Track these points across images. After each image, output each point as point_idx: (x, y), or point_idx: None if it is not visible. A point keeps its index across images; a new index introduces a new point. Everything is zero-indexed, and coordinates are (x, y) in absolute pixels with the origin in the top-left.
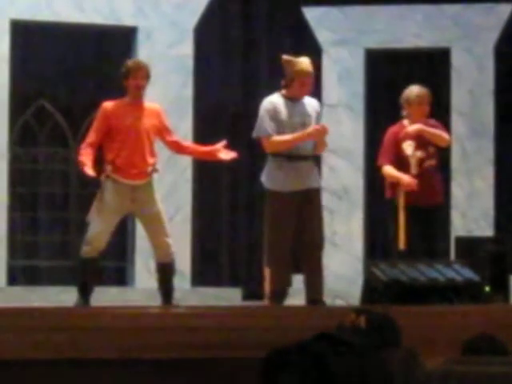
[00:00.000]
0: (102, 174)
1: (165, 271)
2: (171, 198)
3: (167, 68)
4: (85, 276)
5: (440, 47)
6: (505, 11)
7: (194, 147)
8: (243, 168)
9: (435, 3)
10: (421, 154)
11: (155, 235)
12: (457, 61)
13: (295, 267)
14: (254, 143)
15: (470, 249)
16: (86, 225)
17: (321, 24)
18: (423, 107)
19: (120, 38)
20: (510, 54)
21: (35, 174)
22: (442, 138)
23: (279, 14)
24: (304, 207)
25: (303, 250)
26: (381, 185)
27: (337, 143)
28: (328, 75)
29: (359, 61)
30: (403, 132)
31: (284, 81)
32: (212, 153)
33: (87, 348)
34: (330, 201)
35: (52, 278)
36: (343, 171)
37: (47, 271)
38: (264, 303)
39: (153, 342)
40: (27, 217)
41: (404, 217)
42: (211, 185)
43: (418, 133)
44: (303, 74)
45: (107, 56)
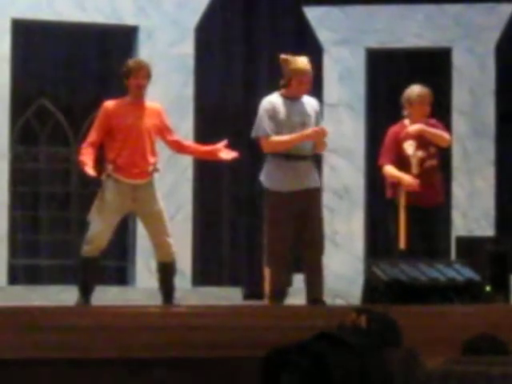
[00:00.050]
0: (103, 174)
1: (166, 271)
2: (172, 198)
3: (168, 67)
4: (85, 275)
5: (441, 47)
6: (506, 11)
7: (195, 147)
8: (244, 167)
9: (436, 3)
10: (422, 154)
11: (156, 235)
12: (458, 60)
13: (295, 267)
14: (255, 143)
15: (471, 249)
16: (87, 224)
17: (322, 24)
18: (424, 107)
19: (121, 37)
20: (511, 54)
21: (36, 174)
22: (443, 138)
23: (280, 14)
24: (303, 207)
25: (303, 250)
26: (381, 184)
27: (338, 143)
28: (329, 75)
29: (360, 60)
30: (404, 132)
31: (282, 80)
32: (213, 152)
33: (88, 347)
34: (331, 200)
35: (53, 277)
36: (344, 171)
37: (48, 270)
38: (265, 303)
39: (153, 342)
40: (28, 216)
41: (405, 216)
42: (212, 184)
43: (419, 133)
44: (301, 73)
45: (108, 55)
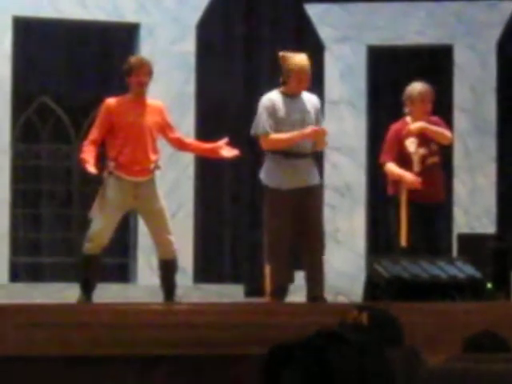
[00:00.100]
0: (105, 171)
1: (167, 268)
2: (173, 195)
3: (169, 65)
4: (87, 273)
5: (442, 44)
6: (508, 8)
7: (196, 144)
8: (245, 165)
9: (438, 0)
10: (423, 151)
11: (157, 232)
12: (459, 57)
13: (296, 264)
14: (255, 140)
15: (472, 246)
16: (89, 222)
17: (323, 21)
18: (426, 104)
19: (122, 35)
20: None
21: (37, 171)
22: (445, 136)
23: (281, 11)
24: (303, 204)
25: (304, 247)
26: (383, 182)
27: (339, 140)
28: (330, 72)
29: (361, 58)
30: (406, 130)
31: (281, 77)
32: (214, 150)
33: (89, 345)
34: (333, 198)
35: (54, 275)
36: (345, 168)
37: (49, 268)
38: (266, 300)
39: (155, 339)
40: (30, 213)
41: (406, 214)
42: (213, 182)
43: (421, 131)
44: (298, 70)
45: (109, 53)
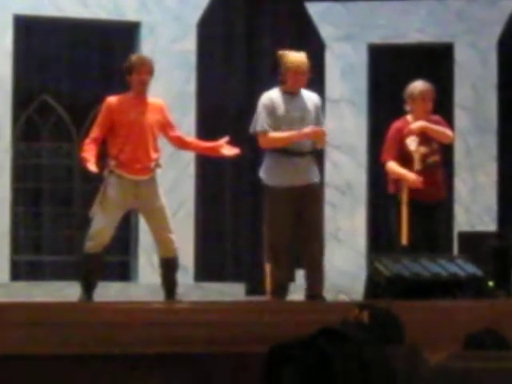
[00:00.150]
0: (106, 169)
1: (168, 266)
2: (174, 194)
3: (170, 63)
4: (88, 271)
5: (443, 42)
6: (508, 6)
7: (197, 143)
8: (246, 163)
9: None
10: (424, 150)
11: (158, 230)
12: (460, 56)
13: (297, 262)
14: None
15: (473, 244)
16: (90, 220)
17: (324, 19)
18: (427, 103)
19: (123, 33)
20: None
21: (38, 169)
22: (446, 135)
23: (282, 10)
24: (303, 202)
25: (303, 245)
26: (384, 180)
27: (340, 139)
28: (331, 70)
29: (362, 56)
30: (407, 129)
31: (280, 76)
32: (215, 149)
33: (90, 343)
34: (334, 196)
35: (55, 273)
36: (346, 167)
37: (50, 266)
38: (267, 298)
39: (156, 337)
40: (30, 212)
41: (407, 212)
42: (214, 180)
43: (422, 130)
44: (295, 68)
45: (110, 51)
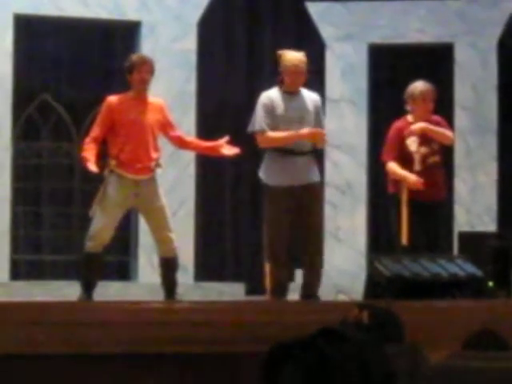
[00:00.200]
0: (106, 169)
1: (168, 266)
2: (174, 193)
3: (171, 63)
4: (88, 271)
5: (443, 42)
6: (509, 6)
7: (197, 142)
8: (246, 163)
9: None
10: (425, 150)
11: (158, 230)
12: (460, 56)
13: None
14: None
15: (473, 244)
16: (90, 220)
17: (324, 19)
18: (427, 103)
19: (124, 33)
20: None
21: (39, 169)
22: (446, 137)
23: (283, 9)
24: (302, 201)
25: (302, 244)
26: (384, 180)
27: (340, 138)
28: (331, 70)
29: (363, 56)
30: (408, 130)
31: (279, 75)
32: (215, 148)
33: (90, 343)
34: (334, 196)
35: (55, 273)
36: (346, 166)
37: (50, 266)
38: (267, 298)
39: (156, 337)
40: (30, 211)
41: (407, 212)
42: (214, 180)
43: (422, 132)
44: (292, 67)
45: (111, 50)
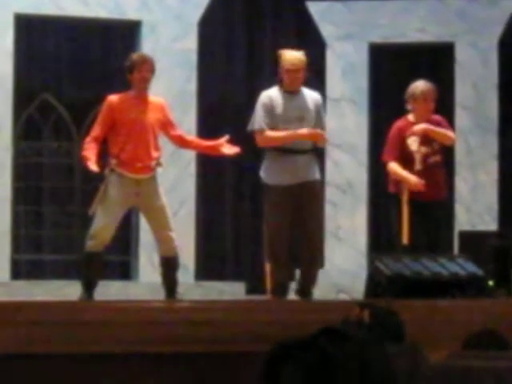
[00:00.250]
0: (107, 168)
1: (168, 265)
2: (175, 193)
3: (171, 62)
4: (89, 270)
5: (444, 41)
6: (509, 5)
7: (198, 142)
8: (246, 162)
9: None
10: (425, 150)
11: (159, 229)
12: (461, 55)
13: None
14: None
15: (474, 243)
16: (90, 219)
17: (325, 18)
18: (428, 103)
19: (124, 32)
20: None
21: (39, 168)
22: (448, 137)
23: (283, 9)
24: (302, 200)
25: (301, 243)
26: (384, 179)
27: (341, 137)
28: (332, 70)
29: (363, 55)
30: (409, 131)
31: (279, 74)
32: (215, 147)
33: (91, 342)
34: (334, 195)
35: (56, 272)
36: (347, 165)
37: (51, 265)
38: (267, 297)
39: (156, 336)
40: (31, 211)
41: (407, 211)
42: (215, 179)
43: (424, 132)
44: (290, 67)
45: (111, 50)
